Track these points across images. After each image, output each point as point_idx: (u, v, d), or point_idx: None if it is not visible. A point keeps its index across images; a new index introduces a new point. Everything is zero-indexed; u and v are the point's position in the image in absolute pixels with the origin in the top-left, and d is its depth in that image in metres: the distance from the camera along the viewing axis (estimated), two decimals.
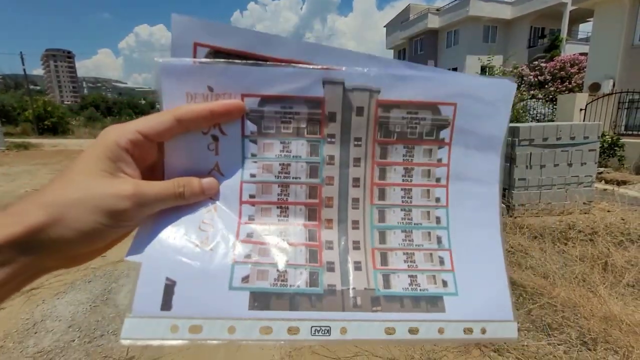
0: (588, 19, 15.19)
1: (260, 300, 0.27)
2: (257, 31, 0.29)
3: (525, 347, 1.58)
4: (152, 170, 0.30)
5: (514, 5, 19.13)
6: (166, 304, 0.26)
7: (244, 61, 0.28)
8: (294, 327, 0.27)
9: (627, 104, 7.31)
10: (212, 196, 0.30)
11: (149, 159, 0.29)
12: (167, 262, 0.27)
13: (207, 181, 0.29)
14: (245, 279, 0.28)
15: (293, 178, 0.31)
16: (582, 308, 1.83)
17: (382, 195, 0.32)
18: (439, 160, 0.32)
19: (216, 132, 0.30)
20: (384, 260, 0.31)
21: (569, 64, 12.84)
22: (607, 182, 5.21)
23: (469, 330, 0.29)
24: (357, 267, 0.30)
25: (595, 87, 8.63)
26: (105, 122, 24.16)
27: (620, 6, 8.16)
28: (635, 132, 6.86)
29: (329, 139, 0.31)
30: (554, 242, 2.70)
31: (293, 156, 0.31)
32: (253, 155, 0.30)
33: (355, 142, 0.31)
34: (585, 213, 3.33)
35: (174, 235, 0.28)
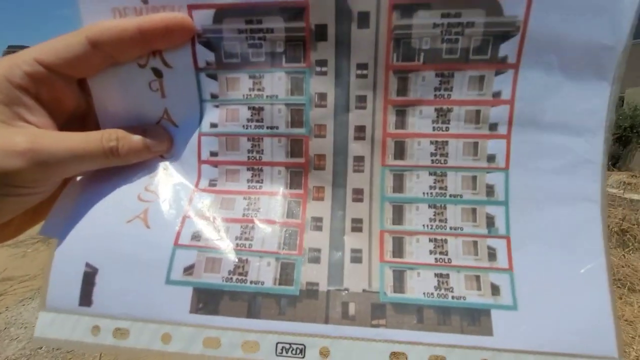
0: None
1: (207, 300, 0.20)
2: None
3: None
4: (84, 122, 0.23)
5: None
6: (85, 298, 0.20)
7: None
8: (251, 341, 0.19)
9: None
10: (161, 153, 0.23)
11: (69, 104, 0.22)
12: (88, 243, 0.21)
13: (154, 133, 0.22)
14: (189, 269, 0.20)
15: (268, 128, 0.22)
16: None
17: (400, 151, 0.21)
18: (497, 94, 0.20)
19: (158, 64, 0.21)
20: (398, 248, 0.21)
21: None
22: None
23: None
24: (356, 257, 0.21)
25: None
26: None
27: None
28: None
29: (318, 68, 0.21)
30: None
31: (267, 96, 0.21)
32: (213, 96, 0.22)
33: (359, 72, 0.21)
34: None
35: (103, 208, 0.21)
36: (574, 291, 0.19)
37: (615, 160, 6.16)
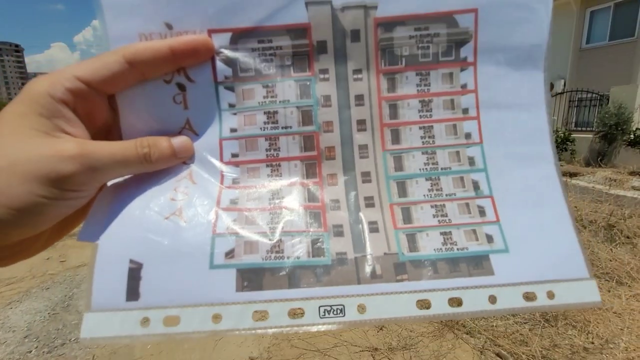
0: None
1: (251, 278, 0.22)
2: None
3: (494, 327, 1.66)
4: (107, 135, 0.25)
5: None
6: (132, 293, 0.21)
7: None
8: (296, 308, 0.21)
9: (576, 102, 7.94)
10: (185, 159, 0.24)
11: (100, 118, 0.23)
12: (129, 241, 0.22)
13: (179, 141, 0.24)
14: (230, 253, 0.22)
15: (283, 128, 0.25)
16: None
17: (395, 137, 0.26)
18: (464, 85, 0.25)
19: (181, 80, 0.24)
20: (407, 216, 0.25)
21: None
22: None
23: (530, 296, 0.23)
24: (373, 228, 0.24)
25: (550, 87, 9.28)
26: None
27: (569, 12, 8.82)
28: (584, 128, 7.46)
29: (321, 76, 0.25)
30: None
31: (280, 101, 0.25)
32: (231, 105, 0.25)
33: (355, 76, 0.25)
34: None
35: (138, 209, 0.23)
36: (547, 231, 0.24)
37: (601, 157, 6.31)
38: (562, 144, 6.53)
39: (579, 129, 7.57)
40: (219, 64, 0.24)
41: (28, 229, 0.20)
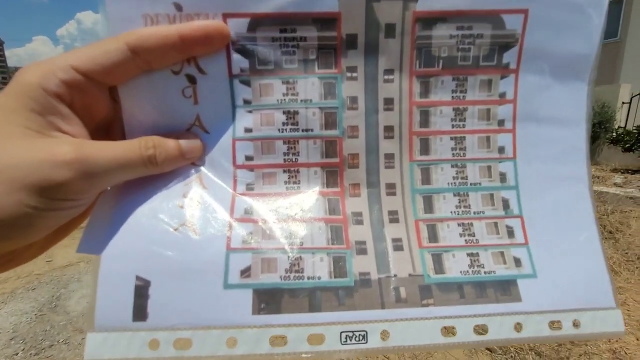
0: None
1: (269, 300, 0.20)
2: None
3: None
4: (108, 131, 0.22)
5: None
6: (140, 313, 0.19)
7: None
8: (316, 334, 0.20)
9: None
10: (194, 161, 0.22)
11: (100, 113, 0.21)
12: (136, 256, 0.20)
13: (187, 141, 0.21)
14: (246, 272, 0.21)
15: (303, 131, 0.23)
16: None
17: (425, 147, 0.23)
18: (502, 95, 0.23)
19: (192, 71, 0.21)
20: (433, 235, 0.23)
21: None
22: None
23: (556, 325, 0.22)
24: (398, 246, 0.22)
25: None
26: None
27: None
28: None
29: (349, 74, 0.22)
30: None
31: (301, 100, 0.22)
32: (247, 102, 0.22)
33: (386, 77, 0.23)
34: None
35: (144, 218, 0.21)
36: (577, 256, 0.23)
37: None
38: None
39: None
40: (235, 55, 0.21)
41: (18, 241, 0.17)
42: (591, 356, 1.48)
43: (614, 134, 5.98)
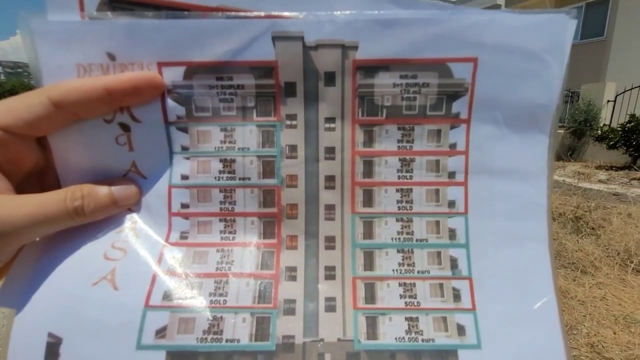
0: None
1: None
2: None
3: None
4: (43, 176, 0.22)
5: (454, 5, 20.44)
6: None
7: (155, 13, 0.20)
8: None
9: None
10: (129, 206, 0.22)
11: (27, 162, 0.20)
12: (49, 311, 0.19)
13: (121, 188, 0.21)
14: (162, 332, 0.20)
15: (240, 179, 0.22)
16: None
17: (368, 199, 0.22)
18: (453, 145, 0.22)
19: (125, 119, 0.21)
20: (370, 295, 0.21)
21: None
22: None
23: None
24: (330, 306, 0.21)
25: None
26: None
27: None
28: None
29: (288, 122, 0.22)
30: None
31: (239, 148, 0.22)
32: (184, 148, 0.22)
33: (327, 125, 0.22)
34: None
35: (65, 271, 0.20)
36: (529, 327, 0.21)
37: (571, 152, 6.61)
38: None
39: None
40: (171, 102, 0.21)
41: None
42: (570, 350, 1.53)
43: (599, 132, 6.11)
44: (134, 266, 0.21)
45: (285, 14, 0.20)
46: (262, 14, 0.20)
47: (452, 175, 0.22)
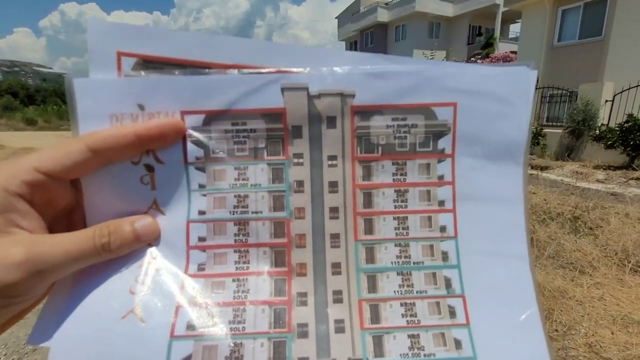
0: (517, 20, 16.77)
1: None
2: (193, 32, 0.22)
3: None
4: (70, 215, 0.24)
5: (454, 4, 20.40)
6: None
7: (181, 70, 0.23)
8: None
9: (548, 98, 8.26)
10: (150, 242, 0.23)
11: (61, 202, 0.22)
12: (83, 346, 0.21)
13: (143, 223, 0.23)
14: None
15: (253, 213, 0.24)
16: None
17: (369, 227, 0.25)
18: (441, 177, 0.25)
19: (150, 161, 0.23)
20: (375, 315, 0.24)
21: (501, 61, 14.14)
22: (532, 167, 5.87)
23: None
24: (339, 328, 0.23)
25: None
26: (26, 112, 21.17)
27: (542, 10, 9.09)
28: (554, 124, 7.80)
29: (295, 160, 0.24)
30: None
31: (251, 185, 0.24)
32: (201, 186, 0.24)
33: (330, 162, 0.25)
34: None
35: (95, 305, 0.21)
36: (517, 337, 0.23)
37: (569, 152, 6.62)
38: (534, 139, 6.81)
39: (550, 124, 7.90)
40: (190, 145, 0.24)
41: None
42: (568, 350, 1.54)
43: (597, 131, 6.12)
44: (158, 299, 0.22)
45: (293, 69, 0.23)
46: (273, 69, 0.23)
47: (441, 203, 0.25)
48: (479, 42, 19.12)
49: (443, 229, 0.25)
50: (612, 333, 1.63)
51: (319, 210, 0.25)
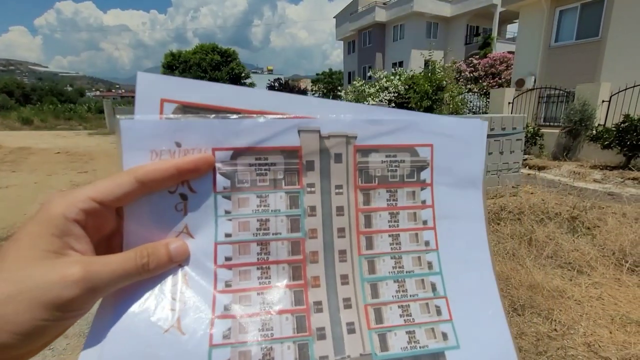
0: (515, 20, 16.82)
1: None
2: (227, 85, 0.27)
3: None
4: (110, 238, 0.26)
5: (452, 4, 20.42)
6: None
7: (215, 115, 0.27)
8: None
9: (545, 98, 8.30)
10: (181, 262, 0.26)
11: (107, 227, 0.25)
12: (131, 358, 0.23)
13: (176, 246, 0.26)
14: None
15: (273, 234, 0.28)
16: (513, 279, 2.07)
17: (369, 243, 0.30)
18: (423, 201, 0.31)
19: (184, 190, 0.27)
20: (379, 317, 0.29)
21: (498, 61, 14.14)
22: (530, 167, 5.90)
23: None
24: (350, 329, 0.28)
25: (520, 83, 9.59)
26: (21, 111, 20.97)
27: (540, 10, 9.12)
28: (552, 124, 7.84)
29: (308, 189, 0.29)
30: (489, 222, 3.01)
31: (272, 210, 0.28)
32: (227, 212, 0.27)
33: (337, 190, 0.30)
34: (514, 195, 3.72)
35: (139, 323, 0.24)
36: (487, 328, 0.30)
37: (566, 152, 6.65)
38: (532, 139, 6.83)
39: (547, 124, 7.94)
40: (219, 177, 0.27)
41: (28, 347, 0.21)
42: (567, 349, 1.55)
43: (594, 132, 6.16)
44: (195, 314, 0.25)
45: (308, 116, 0.28)
46: (292, 115, 0.28)
47: (425, 222, 0.31)
48: (477, 42, 19.17)
49: (427, 243, 0.31)
50: (611, 332, 1.65)
51: (329, 230, 0.29)
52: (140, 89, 0.26)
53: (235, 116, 0.27)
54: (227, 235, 0.27)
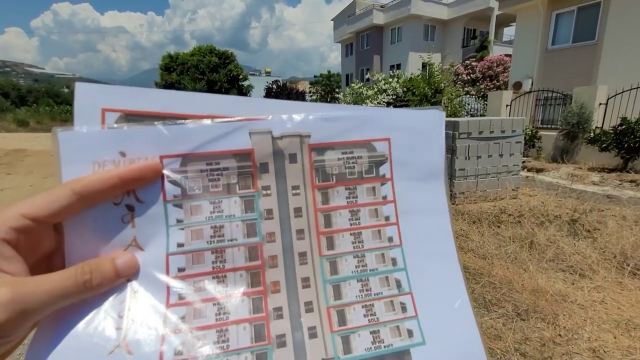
0: (512, 23, 16.97)
1: None
2: (169, 91, 0.26)
3: None
4: (50, 257, 0.25)
5: (449, 7, 20.60)
6: None
7: (160, 122, 0.25)
8: None
9: (542, 101, 8.35)
10: (129, 277, 0.25)
11: (44, 245, 0.23)
12: None
13: (123, 260, 0.24)
14: None
15: (228, 240, 0.27)
16: (516, 283, 2.05)
17: (330, 244, 0.29)
18: (384, 197, 0.30)
19: (131, 201, 0.25)
20: (342, 319, 0.28)
21: (495, 64, 14.25)
22: (528, 170, 5.92)
23: None
24: (312, 334, 0.27)
25: (518, 86, 9.66)
26: (17, 113, 20.82)
27: (536, 14, 9.20)
28: (549, 126, 7.88)
29: (264, 192, 0.28)
30: (489, 225, 2.99)
31: (226, 216, 0.27)
32: (179, 221, 0.26)
33: (294, 191, 0.29)
34: (514, 198, 3.72)
35: (81, 344, 0.22)
36: (454, 321, 0.29)
37: (564, 154, 6.68)
38: (530, 141, 6.87)
39: (545, 126, 7.98)
40: (168, 185, 0.26)
41: None
42: (572, 355, 1.53)
43: (591, 134, 6.19)
44: (143, 331, 0.24)
45: (258, 117, 0.27)
46: (241, 118, 0.27)
47: (387, 218, 0.30)
48: (474, 45, 19.30)
49: (390, 239, 0.30)
50: (615, 337, 1.63)
51: (287, 233, 0.28)
52: (79, 100, 0.25)
53: (182, 122, 0.26)
54: (180, 245, 0.26)
